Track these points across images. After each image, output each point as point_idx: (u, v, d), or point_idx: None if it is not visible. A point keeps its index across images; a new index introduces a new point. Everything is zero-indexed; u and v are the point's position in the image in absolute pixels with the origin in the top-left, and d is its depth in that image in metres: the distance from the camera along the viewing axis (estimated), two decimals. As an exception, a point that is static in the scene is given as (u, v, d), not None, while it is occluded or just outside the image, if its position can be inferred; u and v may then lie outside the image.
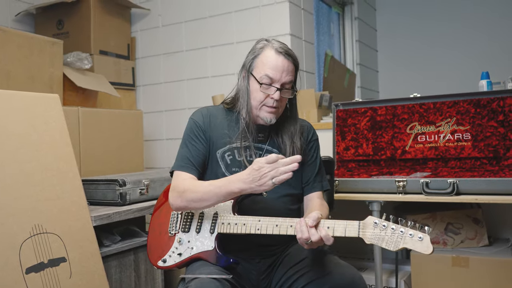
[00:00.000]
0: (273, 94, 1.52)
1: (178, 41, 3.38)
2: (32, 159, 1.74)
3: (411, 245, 1.24)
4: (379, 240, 1.28)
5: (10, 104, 1.74)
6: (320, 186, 1.69)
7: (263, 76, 1.52)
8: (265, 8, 3.06)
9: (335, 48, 4.30)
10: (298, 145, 1.60)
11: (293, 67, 1.55)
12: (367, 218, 1.32)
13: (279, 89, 1.52)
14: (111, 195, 2.16)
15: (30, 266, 1.60)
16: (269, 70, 1.52)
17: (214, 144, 1.63)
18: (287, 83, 1.54)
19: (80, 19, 3.13)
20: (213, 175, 1.60)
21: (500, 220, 2.54)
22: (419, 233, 1.24)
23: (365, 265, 2.62)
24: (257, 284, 1.58)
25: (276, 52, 1.53)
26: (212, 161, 1.62)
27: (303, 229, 1.33)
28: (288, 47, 1.57)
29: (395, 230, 1.26)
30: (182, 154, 1.60)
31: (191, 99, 3.33)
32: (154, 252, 1.63)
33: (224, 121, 1.65)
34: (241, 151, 1.59)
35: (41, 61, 2.48)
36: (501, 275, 2.11)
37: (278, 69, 1.52)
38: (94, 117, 2.55)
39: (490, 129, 2.17)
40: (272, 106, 1.54)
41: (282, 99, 1.55)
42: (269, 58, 1.53)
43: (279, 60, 1.52)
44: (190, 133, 1.62)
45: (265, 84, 1.53)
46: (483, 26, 4.45)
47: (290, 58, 1.53)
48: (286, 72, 1.53)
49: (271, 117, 1.57)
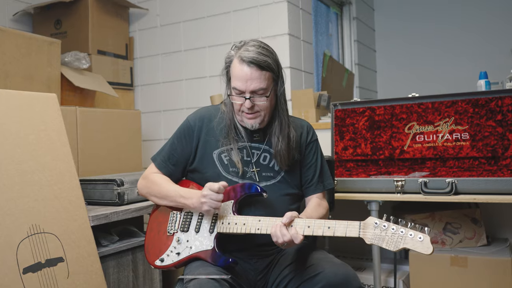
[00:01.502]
0: (244, 103, 1.54)
1: (176, 41, 3.37)
2: (29, 159, 1.73)
3: (411, 245, 1.24)
4: (379, 241, 1.28)
5: (8, 103, 1.74)
6: (321, 187, 1.69)
7: (232, 89, 1.56)
8: (263, 8, 3.05)
9: (333, 48, 4.30)
10: (285, 142, 1.60)
11: (259, 73, 1.51)
12: (367, 219, 1.32)
13: (248, 98, 1.52)
14: (109, 195, 2.15)
15: (27, 266, 1.59)
16: (235, 81, 1.54)
17: (209, 145, 1.64)
18: (257, 90, 1.52)
19: (78, 19, 3.12)
20: (215, 176, 1.61)
21: (499, 220, 2.54)
22: (419, 234, 1.24)
23: (363, 265, 2.62)
24: (255, 284, 1.57)
25: (240, 62, 1.52)
26: (209, 162, 1.63)
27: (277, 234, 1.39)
28: (258, 50, 1.52)
29: (396, 230, 1.27)
30: (165, 150, 1.71)
31: (189, 99, 3.32)
32: (152, 251, 1.63)
33: (221, 122, 1.66)
34: (237, 152, 1.60)
35: (39, 60, 2.47)
36: (500, 275, 2.11)
37: (242, 79, 1.52)
38: (92, 117, 2.54)
39: (488, 128, 2.17)
40: (248, 113, 1.56)
41: (258, 105, 1.55)
42: (235, 69, 1.54)
43: (243, 70, 1.51)
44: (179, 133, 1.69)
45: (235, 96, 1.55)
46: (481, 26, 4.45)
47: (254, 66, 1.50)
48: (251, 80, 1.51)
49: (252, 123, 1.58)
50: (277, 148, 1.60)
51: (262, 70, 1.51)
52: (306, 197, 1.69)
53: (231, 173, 1.61)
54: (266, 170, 1.63)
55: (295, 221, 1.41)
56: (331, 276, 1.39)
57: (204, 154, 1.64)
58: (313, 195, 1.68)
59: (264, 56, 1.52)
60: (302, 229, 1.39)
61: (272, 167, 1.63)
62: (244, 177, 1.60)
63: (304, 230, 1.39)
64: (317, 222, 1.39)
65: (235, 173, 1.60)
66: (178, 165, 1.69)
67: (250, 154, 1.62)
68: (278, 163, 1.61)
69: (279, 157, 1.60)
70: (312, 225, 1.39)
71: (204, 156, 1.64)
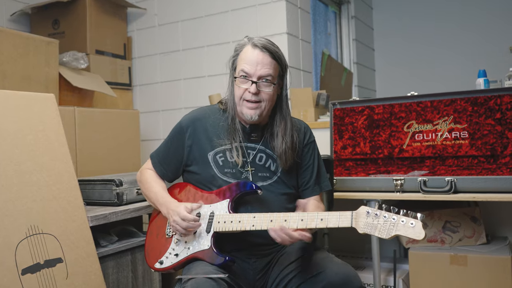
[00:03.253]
0: (250, 88, 1.54)
1: (174, 40, 3.36)
2: (27, 159, 1.72)
3: (403, 231, 1.24)
4: (372, 229, 1.28)
5: (6, 104, 1.73)
6: (318, 189, 1.69)
7: (239, 71, 1.56)
8: (262, 7, 3.05)
9: (332, 47, 4.30)
10: (289, 144, 1.60)
11: (270, 60, 1.54)
12: (359, 208, 1.32)
13: (254, 82, 1.53)
14: (107, 195, 2.15)
15: (26, 267, 1.59)
16: (244, 64, 1.55)
17: (203, 146, 1.63)
18: (265, 76, 1.54)
19: (76, 18, 3.11)
20: (210, 177, 1.61)
21: (498, 218, 2.54)
22: (411, 220, 1.24)
23: (363, 264, 2.62)
24: (254, 283, 1.57)
25: (252, 46, 1.55)
26: (204, 163, 1.62)
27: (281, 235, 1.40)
28: (270, 42, 1.58)
29: (387, 218, 1.26)
30: (161, 150, 1.75)
31: (187, 99, 3.32)
32: (151, 254, 1.63)
33: (217, 122, 1.65)
34: (233, 152, 1.59)
35: (36, 60, 2.46)
36: (499, 273, 2.11)
37: (252, 62, 1.53)
38: (90, 117, 2.54)
39: (487, 127, 2.17)
40: (251, 100, 1.55)
41: (262, 93, 1.55)
42: (246, 53, 1.56)
43: (254, 54, 1.54)
44: (172, 134, 1.72)
45: (242, 78, 1.55)
46: (480, 24, 4.45)
47: (266, 52, 1.54)
48: (262, 64, 1.53)
49: (251, 114, 1.57)
50: (281, 149, 1.59)
51: (273, 59, 1.55)
52: (303, 198, 1.68)
53: (226, 174, 1.60)
54: (262, 171, 1.62)
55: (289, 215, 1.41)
56: (332, 275, 1.39)
57: (198, 156, 1.64)
58: (310, 197, 1.67)
59: (276, 48, 1.58)
60: (296, 223, 1.39)
61: (268, 168, 1.63)
62: (239, 178, 1.60)
63: (297, 223, 1.38)
64: (310, 215, 1.39)
65: (230, 174, 1.60)
66: (170, 166, 1.71)
67: (245, 154, 1.62)
68: (282, 163, 1.61)
69: (284, 157, 1.59)
70: (305, 218, 1.38)
71: (199, 158, 1.64)
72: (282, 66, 1.59)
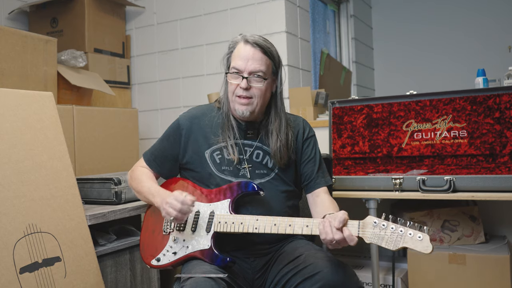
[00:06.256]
0: (241, 83, 1.55)
1: (173, 39, 3.36)
2: (26, 158, 1.72)
3: (411, 244, 1.24)
4: (379, 240, 1.28)
5: (4, 102, 1.72)
6: (323, 181, 1.68)
7: (231, 68, 1.57)
8: (261, 5, 3.04)
9: (331, 46, 4.30)
10: (284, 141, 1.60)
11: (261, 56, 1.55)
12: (366, 218, 1.31)
13: (245, 77, 1.54)
14: (106, 193, 2.14)
15: (24, 266, 1.58)
16: (236, 61, 1.56)
17: (200, 144, 1.63)
18: (255, 71, 1.54)
19: (75, 17, 3.10)
20: (207, 175, 1.61)
21: (497, 217, 2.54)
22: (418, 233, 1.24)
23: (362, 263, 2.62)
24: (252, 283, 1.57)
25: (244, 42, 1.56)
26: (201, 161, 1.62)
27: (327, 231, 1.32)
28: (262, 38, 1.58)
29: (395, 229, 1.26)
30: (155, 147, 1.74)
31: (186, 97, 3.31)
32: (147, 250, 1.62)
33: (213, 120, 1.65)
34: (229, 149, 1.59)
35: (35, 59, 2.46)
36: (498, 272, 2.11)
37: (243, 58, 1.54)
38: (89, 115, 2.53)
39: (486, 126, 2.17)
40: (242, 95, 1.56)
41: (254, 89, 1.56)
42: (239, 50, 1.57)
43: (245, 49, 1.55)
44: (168, 132, 1.72)
45: (233, 74, 1.56)
46: (479, 23, 4.45)
47: (257, 47, 1.55)
48: (252, 60, 1.54)
49: (243, 109, 1.57)
50: (276, 147, 1.59)
51: (265, 55, 1.56)
52: (311, 191, 1.66)
53: (223, 172, 1.60)
54: (259, 168, 1.62)
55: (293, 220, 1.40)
56: (330, 275, 1.39)
57: (196, 154, 1.64)
58: (319, 189, 1.65)
59: (269, 44, 1.59)
60: (301, 229, 1.39)
61: (266, 165, 1.62)
62: (237, 175, 1.60)
63: (302, 229, 1.39)
64: (315, 222, 1.38)
65: (227, 172, 1.60)
66: (164, 163, 1.70)
67: (242, 151, 1.62)
68: (277, 161, 1.61)
69: (279, 154, 1.59)
70: (310, 224, 1.38)
71: (196, 156, 1.64)
72: (275, 62, 1.60)
